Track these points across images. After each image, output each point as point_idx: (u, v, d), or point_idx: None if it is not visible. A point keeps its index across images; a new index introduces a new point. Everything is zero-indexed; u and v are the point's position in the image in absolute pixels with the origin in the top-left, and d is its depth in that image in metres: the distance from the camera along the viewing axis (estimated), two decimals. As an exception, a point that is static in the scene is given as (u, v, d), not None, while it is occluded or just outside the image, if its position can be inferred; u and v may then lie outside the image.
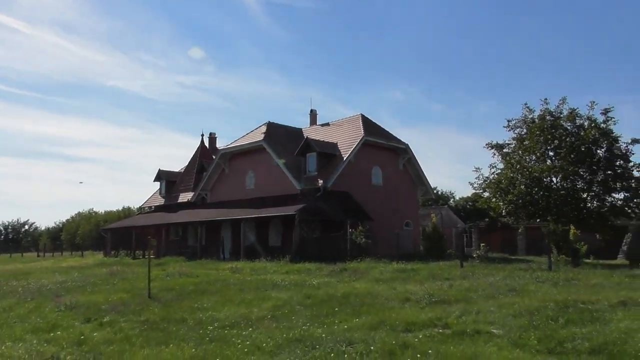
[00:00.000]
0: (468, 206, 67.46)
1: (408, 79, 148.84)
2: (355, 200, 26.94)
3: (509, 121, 23.59)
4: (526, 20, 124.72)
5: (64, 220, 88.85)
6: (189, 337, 7.93)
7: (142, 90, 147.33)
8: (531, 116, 22.94)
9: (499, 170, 23.44)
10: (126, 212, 69.11)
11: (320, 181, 26.02)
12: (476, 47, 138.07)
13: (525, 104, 23.09)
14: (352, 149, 27.64)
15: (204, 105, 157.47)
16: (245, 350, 6.93)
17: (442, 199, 64.11)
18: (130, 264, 27.89)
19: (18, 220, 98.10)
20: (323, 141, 29.26)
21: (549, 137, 21.70)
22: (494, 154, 24.17)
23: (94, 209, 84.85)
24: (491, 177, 23.55)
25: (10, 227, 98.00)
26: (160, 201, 38.73)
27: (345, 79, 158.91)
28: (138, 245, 35.68)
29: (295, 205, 24.63)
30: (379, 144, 29.77)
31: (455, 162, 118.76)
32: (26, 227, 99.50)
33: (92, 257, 38.14)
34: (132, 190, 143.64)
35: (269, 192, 28.92)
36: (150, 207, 40.33)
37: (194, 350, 7.01)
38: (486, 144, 24.11)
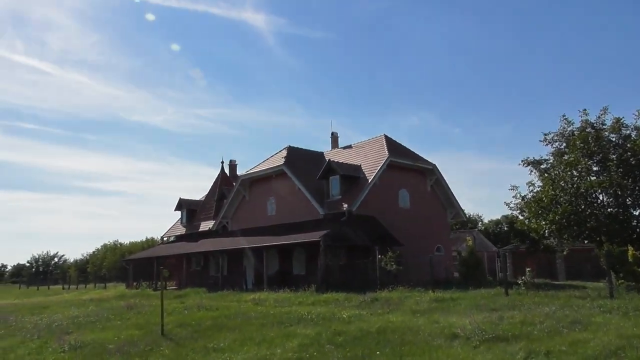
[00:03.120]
0: (498, 229, 65.03)
1: (424, 105, 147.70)
2: (383, 225, 25.43)
3: (545, 135, 21.98)
4: (542, 43, 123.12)
5: (90, 252, 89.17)
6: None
7: (164, 124, 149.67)
8: (570, 128, 21.31)
9: (538, 188, 21.72)
10: (149, 243, 68.56)
11: (345, 205, 24.65)
12: (491, 69, 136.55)
13: (564, 115, 21.47)
14: (376, 171, 26.29)
15: (224, 137, 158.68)
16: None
17: (470, 223, 61.82)
18: (150, 295, 26.79)
19: (47, 253, 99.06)
20: (346, 163, 28.01)
21: (594, 149, 19.99)
22: (531, 171, 22.49)
23: (119, 241, 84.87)
24: (530, 196, 21.81)
25: (40, 259, 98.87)
26: (181, 230, 37.79)
27: (362, 107, 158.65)
28: (158, 276, 34.59)
29: (319, 231, 23.25)
30: (405, 165, 28.36)
31: (477, 186, 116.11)
32: (55, 259, 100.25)
33: (114, 289, 37.21)
34: (156, 222, 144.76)
35: (291, 218, 27.64)
36: (172, 237, 39.42)
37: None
38: (522, 161, 22.49)
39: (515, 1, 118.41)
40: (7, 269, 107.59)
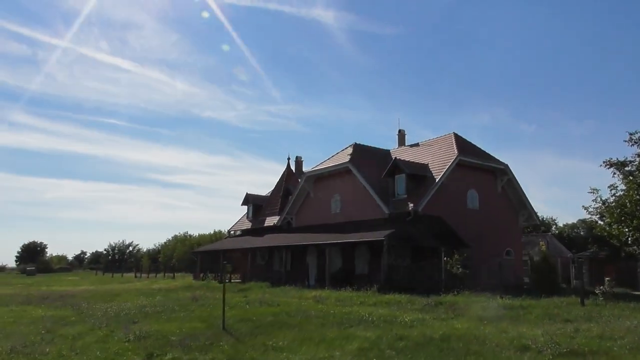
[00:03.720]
0: (574, 233, 61.32)
1: (496, 101, 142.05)
2: (449, 226, 24.63)
3: (631, 135, 20.25)
4: (627, 33, 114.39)
5: (162, 243, 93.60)
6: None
7: (234, 120, 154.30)
8: (661, 128, 19.58)
9: (622, 192, 20.11)
10: (217, 236, 70.79)
11: (411, 205, 24.10)
12: (570, 63, 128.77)
13: (653, 113, 19.75)
14: (444, 170, 25.49)
15: (292, 133, 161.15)
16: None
17: (543, 226, 58.72)
18: (215, 287, 27.58)
19: (123, 242, 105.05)
20: (413, 162, 27.37)
21: (687, 151, 18.25)
22: (614, 173, 20.84)
23: (189, 232, 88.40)
24: (612, 200, 20.25)
25: (116, 248, 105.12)
26: (247, 225, 38.67)
27: (431, 104, 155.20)
28: (223, 269, 35.60)
29: (383, 230, 22.89)
30: (475, 165, 27.31)
31: (552, 187, 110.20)
32: (130, 248, 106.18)
33: (181, 280, 38.78)
34: (224, 215, 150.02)
35: (355, 216, 27.44)
36: (238, 231, 40.45)
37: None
38: (603, 162, 20.88)
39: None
40: (87, 256, 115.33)
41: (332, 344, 9.23)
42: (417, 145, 31.65)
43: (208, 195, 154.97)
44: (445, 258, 20.79)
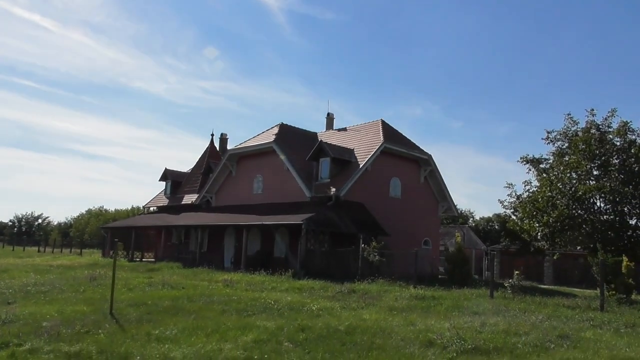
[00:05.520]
0: (488, 227, 64.30)
1: (430, 96, 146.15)
2: (370, 213, 24.41)
3: (548, 133, 20.86)
4: (552, 42, 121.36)
5: (75, 216, 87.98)
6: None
7: (165, 93, 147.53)
8: (574, 128, 20.21)
9: (535, 188, 20.68)
10: (135, 212, 67.45)
11: (333, 189, 23.58)
12: (500, 67, 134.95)
13: (569, 114, 20.34)
14: (369, 156, 25.17)
15: (224, 111, 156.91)
16: None
17: (461, 218, 61.00)
18: (123, 266, 25.77)
19: (32, 213, 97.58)
20: (338, 146, 26.84)
21: (596, 152, 18.93)
22: (529, 170, 21.44)
23: (105, 207, 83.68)
24: (525, 196, 20.79)
25: (23, 219, 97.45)
26: (164, 202, 36.67)
27: (366, 92, 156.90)
28: (137, 246, 33.60)
29: (304, 214, 22.20)
30: (400, 153, 27.23)
31: (472, 182, 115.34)
32: (39, 220, 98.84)
33: (89, 257, 36.15)
34: (147, 191, 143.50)
35: (277, 198, 26.58)
36: (154, 208, 38.31)
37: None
38: (521, 158, 21.42)
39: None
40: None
41: (225, 335, 8.32)
42: (344, 129, 31.18)
43: (133, 170, 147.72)
44: (363, 245, 20.46)
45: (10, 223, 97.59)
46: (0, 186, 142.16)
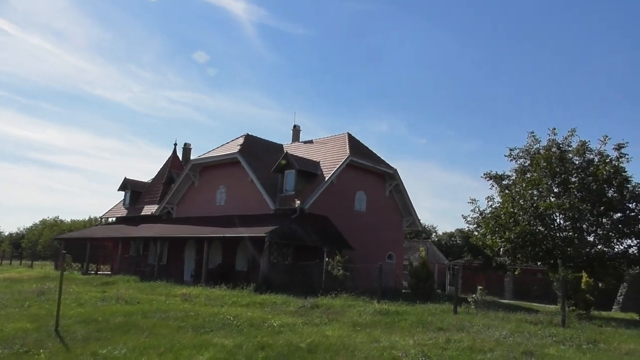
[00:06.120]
0: (451, 242, 65.11)
1: (395, 112, 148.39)
2: (335, 226, 24.15)
3: (511, 150, 21.20)
4: (518, 60, 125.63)
5: (28, 227, 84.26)
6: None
7: (129, 102, 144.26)
8: (536, 146, 20.59)
9: (498, 204, 20.91)
10: (92, 223, 65.17)
11: (298, 202, 23.22)
12: (465, 85, 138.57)
13: (532, 132, 20.73)
14: (335, 169, 24.98)
15: (190, 122, 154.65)
16: None
17: (424, 233, 61.58)
18: (75, 279, 24.67)
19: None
20: (304, 158, 26.57)
21: (557, 170, 19.30)
22: (492, 186, 21.69)
23: (60, 217, 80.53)
24: (488, 211, 20.98)
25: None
26: (123, 212, 35.40)
27: (333, 107, 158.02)
28: (92, 259, 32.23)
29: (267, 226, 21.71)
30: (365, 167, 27.18)
31: (436, 198, 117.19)
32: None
33: (40, 269, 34.39)
34: (105, 202, 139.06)
35: (240, 210, 25.99)
36: (112, 218, 36.95)
37: None
38: (484, 174, 21.66)
39: (492, 21, 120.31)
40: None
41: (179, 353, 7.81)
42: (310, 142, 30.98)
43: (93, 180, 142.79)
44: (327, 259, 20.15)
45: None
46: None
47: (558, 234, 19.36)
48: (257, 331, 10.19)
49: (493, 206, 21.13)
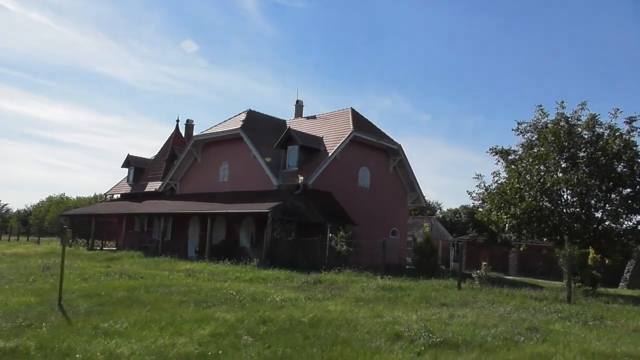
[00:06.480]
0: (455, 218, 65.05)
1: (399, 87, 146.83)
2: (338, 202, 24.04)
3: (518, 124, 20.79)
4: (524, 34, 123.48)
5: (35, 204, 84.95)
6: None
7: (130, 78, 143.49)
8: (544, 120, 20.19)
9: (503, 180, 20.64)
10: (97, 199, 65.45)
11: (301, 178, 23.08)
12: (470, 60, 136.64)
13: (540, 106, 20.27)
14: (338, 145, 24.73)
15: (191, 98, 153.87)
16: None
17: (429, 209, 61.48)
18: (81, 255, 24.83)
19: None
20: (307, 134, 26.30)
21: (565, 144, 18.95)
22: (498, 161, 21.37)
23: (66, 195, 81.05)
24: (494, 187, 20.73)
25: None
26: (127, 189, 35.43)
27: (336, 82, 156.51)
28: (97, 235, 32.39)
29: (270, 202, 21.62)
30: (369, 142, 26.90)
31: (440, 174, 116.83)
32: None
33: (46, 245, 34.65)
34: (110, 179, 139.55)
35: (243, 186, 25.89)
36: (117, 195, 37.01)
37: None
38: (490, 149, 21.32)
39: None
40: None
41: (180, 328, 7.75)
42: (314, 117, 30.65)
43: (97, 157, 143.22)
44: (330, 235, 20.07)
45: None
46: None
47: (565, 210, 19.13)
48: (260, 306, 10.14)
49: (499, 182, 20.87)
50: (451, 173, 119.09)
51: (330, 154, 24.29)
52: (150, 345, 6.65)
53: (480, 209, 22.38)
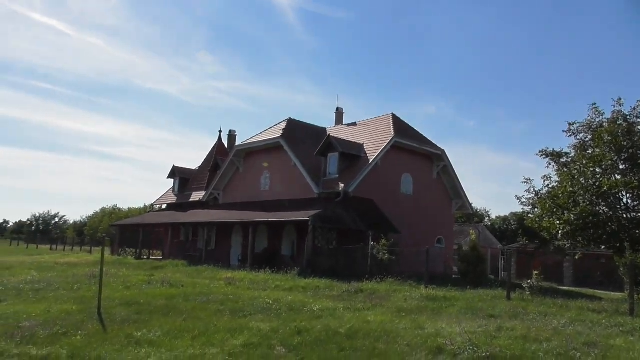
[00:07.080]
0: (505, 226, 62.77)
1: (442, 94, 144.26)
2: (380, 210, 23.49)
3: (570, 124, 19.59)
4: (572, 38, 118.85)
5: (89, 215, 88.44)
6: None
7: (179, 93, 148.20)
8: (599, 119, 18.96)
9: (555, 183, 19.51)
10: (146, 210, 67.37)
11: (341, 185, 22.72)
12: (514, 63, 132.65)
13: (594, 104, 19.05)
14: (379, 151, 24.23)
15: (234, 110, 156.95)
16: None
17: (477, 217, 59.64)
18: (128, 264, 25.34)
19: (49, 212, 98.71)
20: (347, 141, 25.95)
21: (623, 144, 17.70)
22: (549, 164, 20.21)
23: (118, 206, 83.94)
24: (544, 191, 19.62)
25: (40, 218, 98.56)
26: (172, 199, 36.12)
27: (376, 91, 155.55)
28: (145, 244, 33.13)
29: (311, 210, 21.37)
30: (411, 148, 26.24)
31: (488, 181, 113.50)
32: (56, 219, 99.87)
33: (98, 255, 35.81)
34: (158, 190, 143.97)
35: (285, 194, 25.78)
36: (163, 205, 37.83)
37: None
38: (540, 152, 20.19)
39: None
40: (9, 225, 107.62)
41: (212, 338, 7.56)
42: (354, 124, 30.28)
43: (146, 170, 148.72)
44: (372, 243, 19.58)
45: (28, 222, 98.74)
46: (17, 186, 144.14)
47: (625, 215, 17.84)
48: (296, 315, 9.85)
49: (550, 186, 19.72)
50: (499, 180, 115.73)
51: (371, 161, 23.83)
52: (179, 356, 6.48)
53: (531, 215, 21.22)
